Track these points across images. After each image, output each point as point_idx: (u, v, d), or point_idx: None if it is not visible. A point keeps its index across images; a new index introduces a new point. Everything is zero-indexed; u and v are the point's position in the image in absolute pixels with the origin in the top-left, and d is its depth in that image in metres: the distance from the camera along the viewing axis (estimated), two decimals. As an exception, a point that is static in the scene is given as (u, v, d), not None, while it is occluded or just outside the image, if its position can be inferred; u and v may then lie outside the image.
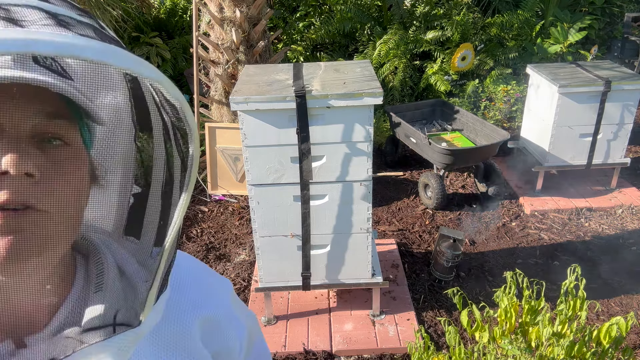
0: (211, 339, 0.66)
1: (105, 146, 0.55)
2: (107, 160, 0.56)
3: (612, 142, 3.97)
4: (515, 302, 1.77)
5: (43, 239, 0.46)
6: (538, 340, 1.72)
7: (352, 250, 2.61)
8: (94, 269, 0.56)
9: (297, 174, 2.40)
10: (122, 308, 0.52)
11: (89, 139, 0.54)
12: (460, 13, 5.75)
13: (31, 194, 0.45)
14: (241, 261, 3.46)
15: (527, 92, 4.36)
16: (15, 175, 0.44)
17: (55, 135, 0.48)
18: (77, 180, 0.50)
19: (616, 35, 6.66)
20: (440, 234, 3.20)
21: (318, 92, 2.24)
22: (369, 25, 6.14)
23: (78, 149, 0.51)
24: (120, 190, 0.57)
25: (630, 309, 2.96)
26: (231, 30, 4.22)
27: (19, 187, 0.44)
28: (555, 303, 1.82)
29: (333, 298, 2.99)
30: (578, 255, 3.46)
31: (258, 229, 2.54)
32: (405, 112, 4.61)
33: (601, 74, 3.87)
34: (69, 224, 0.49)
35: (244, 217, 3.97)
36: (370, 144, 2.36)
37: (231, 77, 4.35)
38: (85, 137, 0.53)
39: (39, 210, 0.46)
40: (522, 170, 4.42)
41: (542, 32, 6.17)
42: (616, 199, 4.09)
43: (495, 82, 5.63)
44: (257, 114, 2.27)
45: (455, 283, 3.18)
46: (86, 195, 0.53)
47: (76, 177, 0.50)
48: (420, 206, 4.07)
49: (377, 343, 2.67)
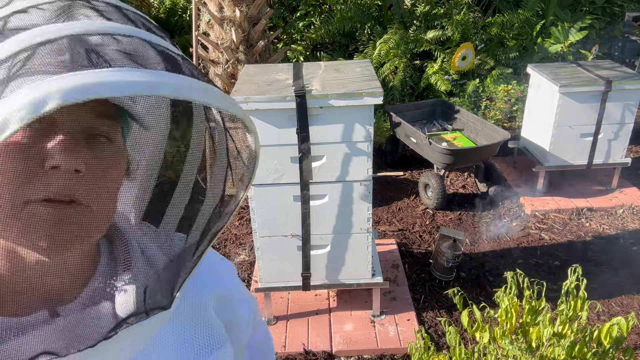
0: (223, 312, 0.72)
1: (141, 143, 0.59)
2: (141, 155, 0.60)
3: (612, 142, 3.96)
4: (515, 302, 1.77)
5: (83, 230, 0.51)
6: (539, 341, 1.71)
7: (352, 251, 2.61)
8: (121, 249, 0.60)
9: (297, 174, 2.39)
10: (153, 288, 0.56)
11: (127, 135, 0.59)
12: (461, 12, 5.74)
13: (77, 189, 0.49)
14: (241, 261, 3.46)
15: (527, 92, 4.35)
16: (66, 171, 0.48)
17: (101, 133, 0.52)
18: (117, 175, 0.55)
19: (617, 34, 6.65)
20: (441, 234, 3.19)
21: (318, 91, 2.24)
22: (369, 24, 6.13)
23: (120, 146, 0.55)
24: (146, 181, 0.61)
25: (631, 309, 2.95)
26: (231, 29, 4.21)
27: (68, 182, 0.48)
28: (556, 303, 1.81)
29: (333, 298, 2.98)
30: (579, 255, 3.46)
31: (258, 229, 2.53)
32: (406, 112, 4.61)
33: (602, 73, 3.86)
34: (106, 215, 0.54)
35: (244, 217, 3.96)
36: (371, 143, 2.35)
37: (231, 76, 4.34)
38: (125, 134, 0.58)
39: (82, 204, 0.50)
40: (523, 170, 4.42)
41: (543, 32, 6.16)
42: (617, 199, 4.08)
43: (496, 81, 5.62)
44: (256, 113, 2.26)
45: (455, 283, 3.17)
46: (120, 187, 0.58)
47: (116, 172, 0.54)
48: (420, 206, 4.06)
49: (377, 343, 2.66)
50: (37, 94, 0.38)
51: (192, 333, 0.67)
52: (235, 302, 0.76)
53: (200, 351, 0.67)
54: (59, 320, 0.52)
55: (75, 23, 0.44)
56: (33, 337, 0.49)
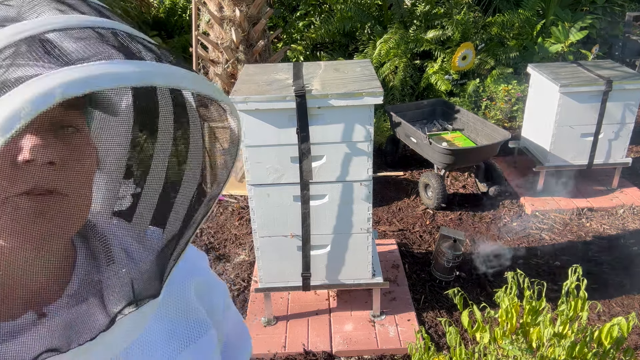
0: (202, 298, 0.74)
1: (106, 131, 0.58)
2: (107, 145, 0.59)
3: (613, 141, 3.96)
4: (516, 302, 1.76)
5: (65, 220, 0.52)
6: (539, 341, 1.71)
7: (353, 251, 2.60)
8: (98, 244, 0.60)
9: (297, 174, 2.39)
10: (140, 278, 0.56)
11: (91, 125, 0.57)
12: (461, 12, 5.74)
13: (53, 180, 0.49)
14: (241, 261, 3.45)
15: (528, 92, 4.34)
16: (40, 164, 0.48)
17: (70, 124, 0.52)
18: (90, 164, 0.55)
19: (617, 34, 6.64)
20: (441, 234, 3.19)
21: (318, 91, 2.23)
22: (369, 24, 6.13)
23: (88, 135, 0.55)
24: (115, 173, 0.60)
25: (631, 310, 2.94)
26: (231, 29, 4.21)
27: (43, 175, 0.48)
28: (557, 303, 1.81)
29: (333, 298, 2.98)
30: (579, 255, 3.45)
31: (258, 229, 2.53)
32: (406, 112, 4.60)
33: (602, 73, 3.86)
34: (85, 204, 0.55)
35: (243, 217, 3.96)
36: (371, 143, 2.34)
37: (231, 76, 4.34)
38: (89, 123, 0.57)
39: (60, 194, 0.50)
40: (523, 170, 4.41)
41: (543, 32, 6.15)
42: (617, 199, 4.07)
43: (496, 81, 5.61)
44: (256, 113, 2.26)
45: (455, 283, 3.16)
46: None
47: (89, 161, 0.54)
48: (420, 206, 4.06)
49: (377, 344, 2.66)
50: (41, 89, 0.38)
51: (179, 320, 0.68)
52: (212, 287, 0.78)
53: (188, 337, 0.68)
54: (46, 321, 0.52)
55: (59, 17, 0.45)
56: (30, 337, 0.49)
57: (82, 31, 0.45)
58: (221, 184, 0.59)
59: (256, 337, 2.73)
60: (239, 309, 2.99)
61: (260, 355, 2.63)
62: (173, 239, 0.58)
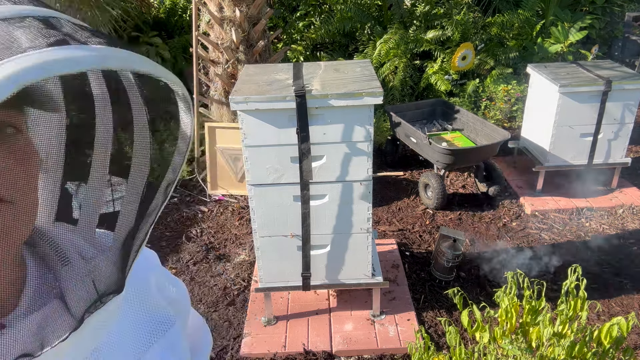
0: (163, 292, 0.74)
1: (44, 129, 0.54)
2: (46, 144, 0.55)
3: (612, 141, 3.96)
4: (515, 302, 1.77)
5: (12, 228, 0.48)
6: (539, 341, 1.71)
7: (352, 251, 2.61)
8: (47, 249, 0.58)
9: (297, 174, 2.39)
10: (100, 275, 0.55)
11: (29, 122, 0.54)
12: (461, 12, 5.74)
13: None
14: (241, 261, 3.46)
15: (527, 92, 4.35)
16: None
17: (8, 123, 0.48)
18: (34, 166, 0.51)
19: (617, 34, 6.65)
20: (441, 234, 3.19)
21: (318, 91, 2.24)
22: (369, 24, 6.13)
23: (28, 135, 0.51)
24: (55, 174, 0.57)
25: (631, 309, 2.95)
26: (231, 29, 4.21)
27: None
28: (556, 303, 1.81)
29: (333, 298, 2.98)
30: (579, 255, 3.46)
31: (258, 229, 2.53)
32: (406, 112, 4.61)
33: (602, 73, 3.86)
34: (32, 210, 0.51)
35: (244, 217, 3.96)
36: (371, 143, 2.35)
37: (231, 76, 4.34)
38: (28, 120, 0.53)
39: (5, 201, 0.46)
40: (523, 170, 4.42)
41: (543, 32, 6.16)
42: (617, 199, 4.08)
43: (496, 81, 5.62)
44: (257, 113, 2.26)
45: (455, 283, 3.17)
46: None
47: (33, 162, 0.50)
48: (420, 206, 4.06)
49: (377, 343, 2.66)
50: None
51: (143, 315, 0.68)
52: (169, 280, 0.79)
53: (155, 332, 0.68)
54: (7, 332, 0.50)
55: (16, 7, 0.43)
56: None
57: (23, 20, 0.42)
58: (177, 169, 0.58)
59: (256, 337, 2.73)
60: (239, 309, 3.00)
61: (260, 355, 2.64)
62: (130, 232, 0.57)
